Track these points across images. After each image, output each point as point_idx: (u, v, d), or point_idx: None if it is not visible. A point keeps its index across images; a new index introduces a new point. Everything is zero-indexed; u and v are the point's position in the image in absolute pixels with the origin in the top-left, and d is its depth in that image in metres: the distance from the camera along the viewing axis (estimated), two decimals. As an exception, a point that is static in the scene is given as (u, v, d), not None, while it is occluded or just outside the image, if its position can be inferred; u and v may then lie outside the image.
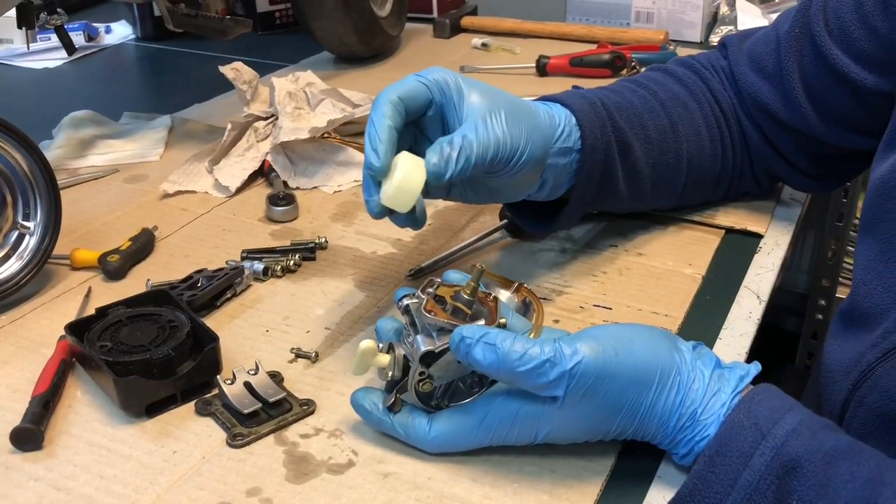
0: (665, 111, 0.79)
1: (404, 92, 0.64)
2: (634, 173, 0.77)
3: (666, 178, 0.80)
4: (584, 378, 0.52)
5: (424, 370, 0.56)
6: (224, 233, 0.87)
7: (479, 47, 1.44)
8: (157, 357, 0.62)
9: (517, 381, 0.53)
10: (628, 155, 0.75)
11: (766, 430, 0.50)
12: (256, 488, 0.55)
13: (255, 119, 1.03)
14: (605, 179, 0.75)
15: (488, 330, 0.53)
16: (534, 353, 0.51)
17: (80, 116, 1.14)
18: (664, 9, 1.46)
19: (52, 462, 0.58)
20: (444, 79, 0.66)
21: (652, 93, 0.80)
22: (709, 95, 0.83)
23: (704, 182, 0.83)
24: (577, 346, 0.52)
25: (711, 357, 0.56)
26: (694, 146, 0.80)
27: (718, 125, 0.82)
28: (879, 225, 0.63)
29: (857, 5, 0.71)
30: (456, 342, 0.53)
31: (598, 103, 0.75)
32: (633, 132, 0.76)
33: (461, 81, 0.66)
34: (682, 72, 0.84)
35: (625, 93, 0.79)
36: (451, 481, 0.56)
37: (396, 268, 0.80)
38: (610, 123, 0.74)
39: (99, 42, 1.59)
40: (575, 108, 0.72)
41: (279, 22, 1.62)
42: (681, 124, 0.80)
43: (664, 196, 0.82)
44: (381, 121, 0.62)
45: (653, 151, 0.77)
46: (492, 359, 0.52)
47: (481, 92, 0.66)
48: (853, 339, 0.64)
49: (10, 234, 0.76)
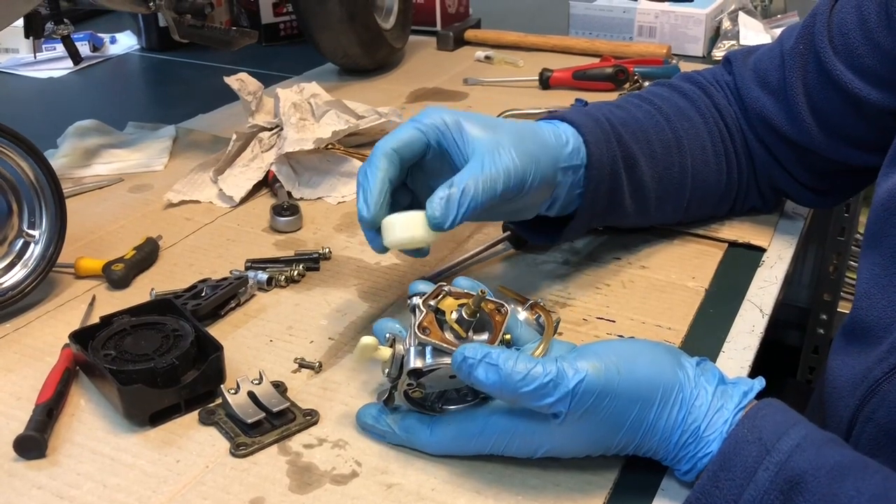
0: (670, 126, 0.80)
1: (399, 142, 0.66)
2: (640, 188, 0.77)
3: (671, 192, 0.80)
4: (586, 396, 0.52)
5: (413, 382, 0.56)
6: (228, 243, 0.87)
7: (483, 60, 1.44)
8: (161, 366, 0.62)
9: (520, 401, 0.53)
10: (634, 170, 0.76)
11: (771, 445, 0.50)
12: (259, 498, 0.55)
13: (260, 129, 1.03)
14: (612, 195, 0.75)
15: (490, 350, 0.53)
16: (536, 373, 0.51)
17: (84, 126, 1.14)
18: (667, 23, 1.46)
19: (55, 470, 0.58)
20: (442, 120, 0.66)
21: (657, 108, 0.81)
22: (713, 110, 0.83)
23: (709, 197, 0.83)
24: (580, 364, 0.52)
25: (715, 373, 0.56)
26: (699, 161, 0.81)
27: (723, 140, 0.82)
28: (884, 240, 0.63)
29: (861, 21, 0.71)
30: (458, 362, 0.53)
31: (604, 120, 0.75)
32: (639, 147, 0.76)
33: (460, 119, 0.66)
34: (686, 87, 0.85)
35: (629, 108, 0.80)
36: (455, 493, 0.55)
37: (400, 278, 0.80)
38: (616, 139, 0.74)
39: (104, 52, 1.60)
40: (580, 125, 0.73)
41: (283, 33, 1.63)
42: (686, 139, 0.80)
43: (669, 211, 0.82)
44: (373, 173, 0.64)
45: (658, 166, 0.78)
46: (494, 379, 0.52)
47: (482, 125, 0.66)
48: (858, 355, 0.64)
49: (15, 242, 0.76)
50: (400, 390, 0.57)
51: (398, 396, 0.58)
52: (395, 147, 0.66)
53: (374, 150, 0.66)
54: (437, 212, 0.62)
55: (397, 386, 0.57)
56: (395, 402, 0.59)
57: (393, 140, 0.66)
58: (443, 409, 0.58)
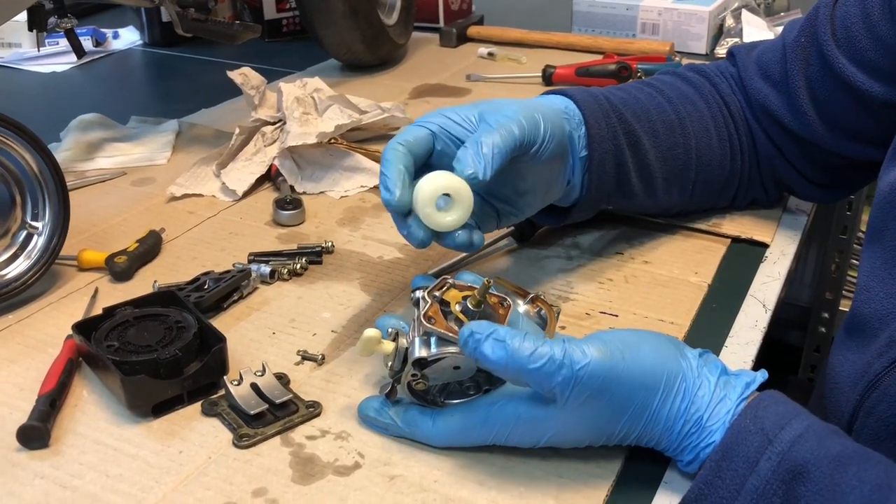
0: (672, 107, 0.80)
1: (405, 138, 0.66)
2: (645, 166, 0.77)
3: (676, 173, 0.80)
4: (591, 379, 0.52)
5: (417, 373, 0.56)
6: (231, 236, 0.87)
7: (486, 57, 1.44)
8: (164, 357, 0.62)
9: (525, 378, 0.52)
10: (638, 147, 0.76)
11: (773, 436, 0.50)
12: (262, 489, 0.55)
13: (263, 124, 1.03)
14: (618, 171, 0.75)
15: (497, 327, 0.53)
16: (543, 351, 0.51)
17: (88, 119, 1.14)
18: (670, 20, 1.46)
19: (58, 460, 0.58)
20: (445, 116, 0.67)
21: (658, 90, 0.81)
22: (717, 97, 0.83)
23: (713, 182, 0.83)
24: (585, 348, 0.52)
25: (717, 364, 0.56)
26: (703, 143, 0.81)
27: (727, 126, 0.82)
28: (886, 233, 0.63)
29: (864, 15, 0.71)
30: (465, 337, 0.53)
31: (602, 97, 0.76)
32: (640, 125, 0.77)
33: (465, 108, 0.67)
34: (690, 74, 0.85)
35: (630, 90, 0.80)
36: (458, 484, 0.56)
37: (402, 272, 0.80)
38: (615, 116, 0.75)
39: (107, 47, 1.60)
40: (577, 98, 0.74)
41: (286, 29, 1.63)
42: (689, 120, 0.80)
43: (676, 194, 0.81)
44: (386, 165, 0.64)
45: (661, 145, 0.78)
46: (500, 355, 0.51)
47: (487, 104, 0.68)
48: (858, 349, 0.64)
49: (18, 234, 0.76)
50: (403, 382, 0.57)
51: (401, 389, 0.58)
52: (401, 141, 0.65)
53: (385, 149, 0.66)
54: (467, 166, 0.61)
55: (400, 379, 0.57)
56: (397, 396, 0.59)
57: (400, 137, 0.66)
58: (444, 403, 0.58)
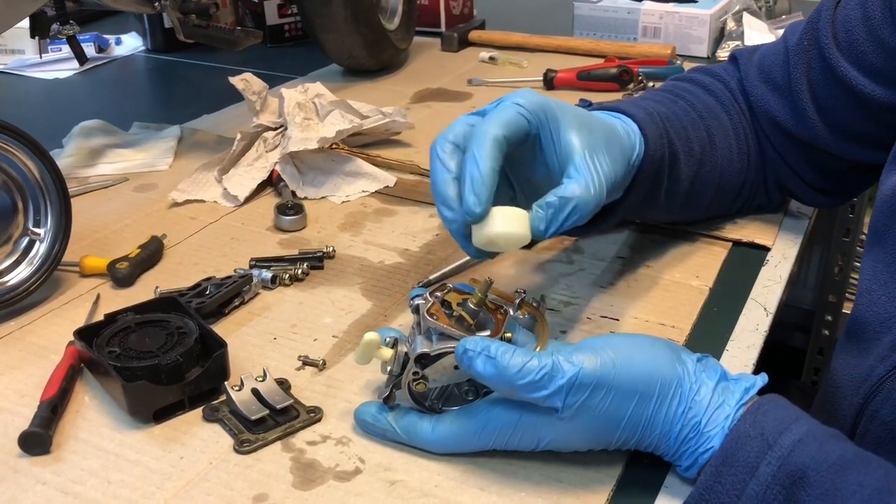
0: (704, 123, 0.79)
1: (508, 129, 0.60)
2: (676, 185, 0.76)
3: (698, 190, 0.79)
4: (580, 389, 0.52)
5: (419, 371, 0.57)
6: (232, 241, 0.88)
7: (487, 61, 1.44)
8: (165, 363, 0.62)
9: (516, 393, 0.53)
10: (674, 168, 0.75)
11: (773, 441, 0.50)
12: (263, 494, 0.55)
13: (265, 129, 1.03)
14: (651, 190, 0.74)
15: (490, 343, 0.54)
16: (532, 366, 0.52)
17: (90, 126, 1.14)
18: (671, 24, 1.46)
19: (59, 466, 0.58)
20: (542, 106, 0.62)
21: (690, 104, 0.80)
22: (737, 107, 0.83)
23: (728, 194, 0.83)
24: (575, 357, 0.53)
25: (717, 369, 0.56)
26: (726, 160, 0.80)
27: (746, 137, 0.82)
28: (887, 236, 0.63)
29: (865, 18, 0.71)
30: (460, 353, 0.54)
31: (656, 115, 0.74)
32: (681, 144, 0.76)
33: (555, 109, 0.62)
34: (708, 81, 0.84)
35: (667, 104, 0.78)
36: (458, 489, 0.56)
37: (404, 277, 0.80)
38: (665, 136, 0.73)
39: (109, 53, 1.60)
40: (639, 119, 0.71)
41: (288, 35, 1.63)
42: (717, 137, 0.80)
43: (692, 209, 0.81)
44: (485, 163, 0.58)
45: (694, 165, 0.77)
46: (491, 372, 0.53)
47: (578, 123, 0.63)
48: (860, 353, 0.64)
49: (20, 241, 0.76)
50: (404, 383, 0.57)
51: (401, 393, 0.58)
52: (506, 134, 0.60)
53: (482, 133, 0.59)
54: (542, 222, 0.60)
55: (399, 383, 0.58)
56: (395, 401, 0.59)
57: (502, 123, 0.60)
58: (443, 409, 0.58)
